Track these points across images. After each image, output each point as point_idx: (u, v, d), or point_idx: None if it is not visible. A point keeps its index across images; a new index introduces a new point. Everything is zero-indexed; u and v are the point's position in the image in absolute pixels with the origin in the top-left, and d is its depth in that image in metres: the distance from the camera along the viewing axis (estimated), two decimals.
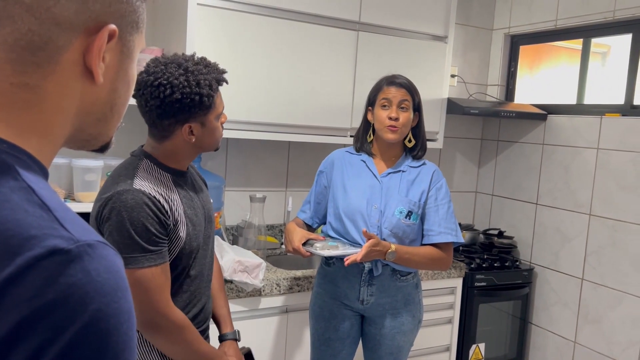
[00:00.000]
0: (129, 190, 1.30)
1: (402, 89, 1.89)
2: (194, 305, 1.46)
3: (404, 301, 1.94)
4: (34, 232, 0.46)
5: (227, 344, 1.58)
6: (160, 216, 1.32)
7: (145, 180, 1.34)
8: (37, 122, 0.54)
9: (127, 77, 0.61)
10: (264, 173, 2.73)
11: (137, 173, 1.35)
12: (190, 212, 1.41)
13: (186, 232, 1.38)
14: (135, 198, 1.29)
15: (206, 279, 1.52)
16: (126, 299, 0.49)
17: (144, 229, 1.28)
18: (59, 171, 2.06)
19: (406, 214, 1.88)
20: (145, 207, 1.29)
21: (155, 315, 1.33)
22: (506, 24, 3.20)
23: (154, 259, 1.30)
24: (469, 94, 3.20)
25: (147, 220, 1.29)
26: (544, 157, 2.98)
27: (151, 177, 1.36)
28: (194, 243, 1.41)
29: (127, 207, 1.28)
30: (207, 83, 1.33)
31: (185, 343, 1.38)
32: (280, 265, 2.51)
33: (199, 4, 2.09)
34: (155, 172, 1.39)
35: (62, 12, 0.52)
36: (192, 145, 1.40)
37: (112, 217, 1.29)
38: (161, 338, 1.37)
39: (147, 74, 1.33)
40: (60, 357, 0.44)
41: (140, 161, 1.40)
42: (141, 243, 1.28)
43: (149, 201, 1.30)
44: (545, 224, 2.97)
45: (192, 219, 1.41)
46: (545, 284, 2.96)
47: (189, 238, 1.39)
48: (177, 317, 1.36)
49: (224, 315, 1.63)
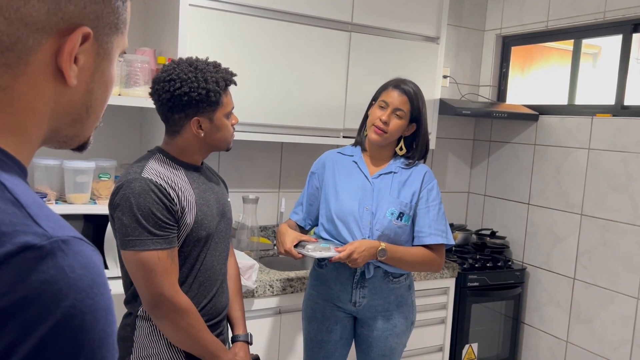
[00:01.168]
0: (137, 179, 1.39)
1: (404, 97, 1.87)
2: (204, 297, 1.51)
3: (396, 303, 1.94)
4: (5, 229, 0.46)
5: (238, 345, 1.62)
6: (167, 202, 1.39)
7: (154, 170, 1.43)
8: (10, 122, 0.53)
9: (103, 78, 0.60)
10: (256, 174, 2.73)
11: (147, 164, 1.45)
12: (201, 202, 1.48)
13: (194, 219, 1.45)
14: (143, 185, 1.38)
15: (218, 272, 1.56)
16: (103, 295, 0.48)
17: (150, 214, 1.37)
18: (50, 173, 2.05)
19: (397, 215, 1.88)
20: (151, 194, 1.37)
21: (159, 297, 1.38)
22: (498, 25, 3.22)
23: (160, 243, 1.38)
24: (461, 94, 3.21)
25: (153, 205, 1.37)
26: (535, 158, 3.00)
27: (162, 168, 1.45)
28: (203, 232, 1.47)
29: (135, 194, 1.37)
30: (214, 80, 1.43)
31: (189, 328, 1.42)
32: (273, 267, 2.51)
33: (191, 5, 2.09)
34: (167, 164, 1.48)
35: (32, 12, 0.52)
36: (202, 141, 1.49)
37: (122, 203, 1.38)
38: (165, 320, 1.41)
39: (161, 72, 1.45)
40: (32, 355, 0.44)
41: (153, 155, 1.50)
42: (147, 227, 1.36)
43: (155, 188, 1.39)
44: (537, 224, 2.98)
45: (203, 208, 1.48)
46: (538, 283, 2.98)
47: (197, 225, 1.45)
48: (181, 301, 1.41)
49: (238, 317, 1.68)
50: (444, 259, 1.97)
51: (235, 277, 1.74)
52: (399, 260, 1.85)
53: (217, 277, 1.55)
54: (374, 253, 1.79)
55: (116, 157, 2.24)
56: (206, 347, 1.46)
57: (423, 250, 1.90)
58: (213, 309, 1.54)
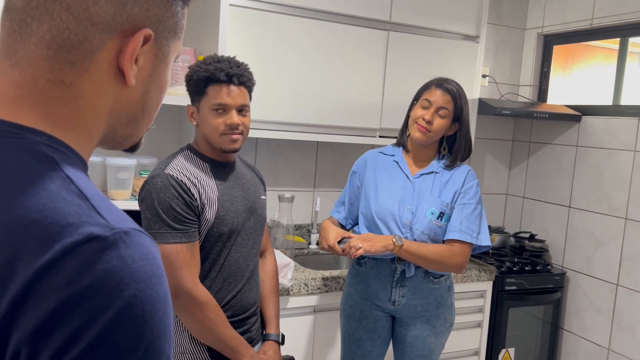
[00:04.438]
0: (160, 175, 1.45)
1: (447, 96, 1.84)
2: (228, 292, 1.52)
3: (435, 304, 1.92)
4: (72, 220, 0.47)
5: (268, 344, 1.62)
6: (186, 197, 1.43)
7: (178, 166, 1.48)
8: (73, 119, 0.55)
9: (159, 80, 0.62)
10: (292, 173, 2.74)
11: (172, 161, 1.50)
12: (224, 199, 1.50)
13: (215, 215, 1.47)
14: (164, 181, 1.44)
15: (245, 268, 1.56)
16: (162, 286, 0.49)
17: (170, 208, 1.42)
18: (93, 169, 2.10)
19: (438, 215, 1.85)
20: (171, 189, 1.43)
21: (177, 289, 1.41)
22: (539, 24, 3.14)
23: (179, 237, 1.42)
24: (500, 94, 3.15)
25: (172, 200, 1.42)
26: (577, 159, 2.92)
27: (187, 164, 1.50)
28: (224, 228, 1.49)
29: (157, 189, 1.43)
30: (206, 69, 1.45)
31: (207, 321, 1.44)
32: (308, 265, 2.51)
33: (231, 5, 2.11)
34: (194, 160, 1.52)
35: (100, 12, 0.53)
36: (200, 132, 1.53)
37: (146, 198, 1.45)
38: (184, 313, 1.44)
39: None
40: (96, 341, 0.45)
41: (181, 152, 1.55)
42: (167, 220, 1.41)
43: (175, 184, 1.43)
44: (578, 228, 2.90)
45: (226, 205, 1.50)
46: (578, 288, 2.90)
47: (218, 221, 1.48)
48: (199, 294, 1.43)
49: (270, 316, 1.68)
50: (467, 261, 1.87)
51: (272, 276, 1.74)
52: (415, 253, 1.79)
53: (243, 273, 1.56)
54: (389, 240, 1.78)
55: (157, 154, 2.28)
56: (225, 342, 1.46)
57: (442, 246, 1.84)
58: (239, 304, 1.54)
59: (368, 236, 1.82)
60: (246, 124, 1.53)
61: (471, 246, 1.86)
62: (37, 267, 0.45)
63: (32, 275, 0.45)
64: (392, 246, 1.78)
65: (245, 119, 1.52)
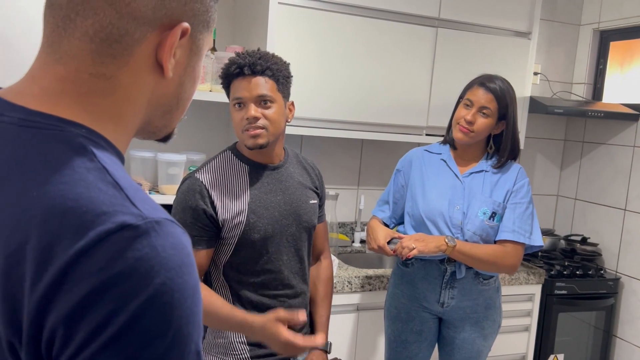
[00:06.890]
0: (189, 177, 1.45)
1: (490, 95, 1.79)
2: (268, 297, 1.49)
3: (484, 305, 1.88)
4: (106, 209, 0.49)
5: (315, 353, 1.55)
6: (202, 204, 1.40)
7: (210, 169, 1.45)
8: (112, 111, 0.57)
9: (193, 73, 0.63)
10: (336, 171, 2.74)
11: (209, 163, 1.48)
12: (256, 205, 1.44)
13: (245, 222, 1.42)
14: (189, 184, 1.43)
15: (285, 277, 1.50)
16: (191, 275, 0.51)
17: (180, 211, 1.42)
18: (144, 164, 2.17)
19: (490, 215, 1.81)
20: (192, 193, 1.41)
21: None
22: (595, 19, 3.03)
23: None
24: (553, 92, 3.05)
25: (189, 203, 1.41)
26: (634, 160, 2.79)
27: (220, 167, 1.46)
28: (256, 235, 1.43)
29: (182, 191, 1.44)
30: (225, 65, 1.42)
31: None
32: (351, 263, 2.51)
33: (280, 3, 2.13)
34: (232, 163, 1.47)
35: (141, 7, 0.55)
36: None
37: (176, 197, 1.47)
38: None
39: None
40: (125, 327, 0.46)
41: (222, 153, 1.51)
42: (181, 223, 1.37)
43: (197, 188, 1.41)
44: (634, 232, 2.78)
45: (258, 211, 1.44)
46: (633, 295, 2.78)
47: (249, 228, 1.42)
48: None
49: (320, 323, 1.62)
50: (520, 262, 1.83)
51: (326, 280, 1.67)
52: (468, 252, 1.76)
53: (284, 281, 1.49)
54: (441, 241, 1.75)
55: (205, 150, 2.33)
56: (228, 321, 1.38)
57: (495, 246, 1.80)
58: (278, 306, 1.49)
59: (420, 236, 1.79)
60: (269, 116, 1.39)
61: (524, 246, 1.82)
62: (72, 253, 0.47)
63: (68, 259, 0.46)
64: (445, 247, 1.75)
65: (268, 111, 1.39)
